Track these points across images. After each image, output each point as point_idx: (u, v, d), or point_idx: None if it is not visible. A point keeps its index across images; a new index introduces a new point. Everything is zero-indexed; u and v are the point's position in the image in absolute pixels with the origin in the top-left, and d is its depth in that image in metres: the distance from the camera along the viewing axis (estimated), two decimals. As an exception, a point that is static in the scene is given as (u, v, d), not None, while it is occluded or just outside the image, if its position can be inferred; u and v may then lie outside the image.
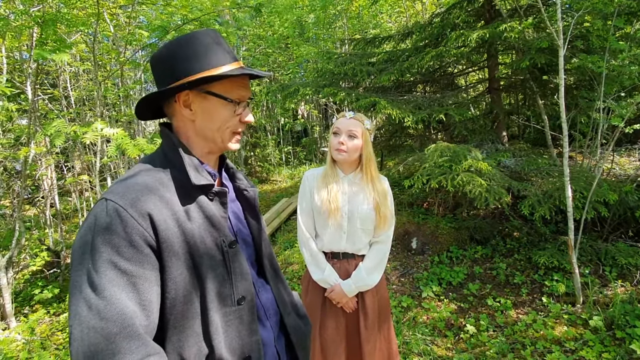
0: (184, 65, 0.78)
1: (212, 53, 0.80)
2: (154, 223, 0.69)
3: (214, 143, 0.83)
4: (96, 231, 0.66)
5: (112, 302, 0.62)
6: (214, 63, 0.79)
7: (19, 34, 2.48)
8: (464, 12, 4.33)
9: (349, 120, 1.57)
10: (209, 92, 0.79)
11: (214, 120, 0.81)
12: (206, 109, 0.81)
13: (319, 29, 8.78)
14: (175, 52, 0.79)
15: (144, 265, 0.67)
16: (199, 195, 0.78)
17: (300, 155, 10.94)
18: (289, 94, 4.46)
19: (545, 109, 3.89)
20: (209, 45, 0.80)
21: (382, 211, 1.59)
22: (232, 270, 0.79)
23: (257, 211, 0.96)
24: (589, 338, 2.37)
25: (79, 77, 6.25)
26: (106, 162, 4.01)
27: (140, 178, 0.74)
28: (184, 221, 0.74)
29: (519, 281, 3.12)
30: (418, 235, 3.91)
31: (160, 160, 0.80)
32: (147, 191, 0.71)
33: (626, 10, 3.02)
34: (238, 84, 0.83)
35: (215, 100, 0.80)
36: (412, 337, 2.55)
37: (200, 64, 0.78)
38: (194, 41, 0.79)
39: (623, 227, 3.33)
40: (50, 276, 4.22)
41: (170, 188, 0.75)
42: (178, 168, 0.78)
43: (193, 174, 0.77)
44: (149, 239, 0.68)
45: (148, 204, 0.69)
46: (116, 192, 0.70)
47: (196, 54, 0.78)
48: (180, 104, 0.80)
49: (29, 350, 2.86)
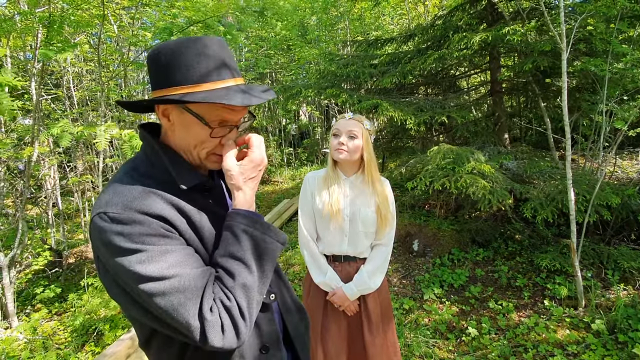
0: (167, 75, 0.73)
1: (200, 66, 0.73)
2: (168, 220, 0.70)
3: (192, 158, 0.80)
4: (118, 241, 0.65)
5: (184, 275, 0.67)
6: (197, 78, 0.73)
7: (24, 34, 2.50)
8: (467, 15, 4.33)
9: (348, 121, 1.58)
10: (186, 108, 0.75)
11: (189, 136, 0.77)
12: (184, 124, 0.77)
13: (321, 30, 8.80)
14: (163, 58, 0.73)
15: (182, 244, 0.72)
16: (192, 193, 0.78)
17: (302, 157, 10.95)
18: (291, 95, 4.47)
19: (547, 111, 3.89)
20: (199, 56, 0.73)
21: (384, 213, 1.58)
22: None
23: None
24: (591, 342, 2.36)
25: (82, 77, 6.27)
26: (109, 162, 4.02)
27: (133, 185, 0.72)
28: (189, 215, 0.75)
29: (520, 284, 3.11)
30: (419, 238, 3.91)
31: (145, 165, 0.78)
32: (148, 196, 0.70)
33: (629, 13, 3.02)
34: (223, 105, 0.74)
35: (193, 118, 0.75)
36: (413, 340, 2.54)
37: (183, 77, 0.72)
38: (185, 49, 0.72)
39: (626, 230, 3.32)
40: (52, 276, 4.23)
41: (165, 190, 0.74)
42: (165, 171, 0.76)
43: (180, 178, 0.76)
44: (171, 230, 0.71)
45: (154, 205, 0.69)
46: (115, 204, 0.67)
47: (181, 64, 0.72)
48: (159, 113, 0.78)
49: (31, 349, 2.87)
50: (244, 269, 0.72)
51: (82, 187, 5.89)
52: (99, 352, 2.78)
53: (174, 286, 0.65)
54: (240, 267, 0.72)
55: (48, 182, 5.10)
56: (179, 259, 0.68)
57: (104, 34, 3.84)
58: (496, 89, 4.30)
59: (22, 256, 3.92)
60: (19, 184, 4.76)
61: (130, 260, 0.64)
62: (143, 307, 0.68)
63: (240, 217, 0.76)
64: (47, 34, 2.48)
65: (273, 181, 9.07)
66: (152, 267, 0.64)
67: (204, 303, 0.67)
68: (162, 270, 0.65)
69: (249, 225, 0.75)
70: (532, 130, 4.99)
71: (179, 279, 0.66)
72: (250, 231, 0.74)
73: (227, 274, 0.71)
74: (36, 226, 5.14)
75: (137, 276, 0.64)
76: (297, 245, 4.19)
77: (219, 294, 0.70)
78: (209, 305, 0.67)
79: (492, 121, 4.36)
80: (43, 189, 5.20)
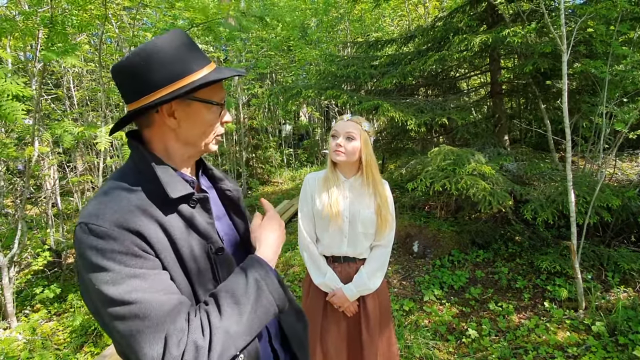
0: (162, 75, 0.73)
1: (189, 57, 0.76)
2: (146, 238, 0.67)
3: (195, 148, 0.81)
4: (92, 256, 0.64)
5: (147, 302, 0.63)
6: (194, 68, 0.75)
7: (24, 34, 2.50)
8: (467, 16, 4.34)
9: (346, 122, 1.57)
10: (194, 98, 0.76)
11: (197, 125, 0.78)
12: (190, 116, 0.78)
13: (322, 31, 8.81)
14: (148, 60, 0.72)
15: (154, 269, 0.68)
16: (180, 204, 0.76)
17: (302, 157, 10.96)
18: (291, 95, 4.47)
19: (547, 113, 3.89)
20: (182, 50, 0.75)
21: (384, 214, 1.58)
22: (220, 277, 0.78)
23: (242, 211, 0.95)
24: (591, 344, 2.36)
25: (83, 77, 6.27)
26: (110, 163, 4.02)
27: (116, 196, 0.70)
28: (171, 232, 0.72)
29: (521, 286, 3.11)
30: (419, 239, 3.91)
31: (134, 175, 0.76)
32: (129, 209, 0.68)
33: (630, 15, 3.03)
34: (218, 87, 0.81)
35: (200, 106, 0.77)
36: (413, 341, 2.54)
37: (180, 71, 0.74)
38: (165, 47, 0.73)
39: (626, 232, 3.32)
40: (52, 276, 4.22)
41: (149, 202, 0.72)
42: (152, 181, 0.74)
43: (170, 187, 0.73)
44: (147, 249, 0.68)
45: (134, 220, 0.67)
46: (97, 215, 0.66)
47: (172, 61, 0.73)
48: (164, 114, 0.76)
49: (30, 350, 2.86)
50: (236, 315, 0.68)
51: (82, 187, 5.88)
52: (98, 353, 2.77)
53: (132, 312, 0.62)
54: (233, 311, 0.68)
55: (48, 182, 5.09)
56: (146, 284, 0.64)
57: (105, 35, 3.84)
58: (496, 90, 4.30)
59: (22, 256, 3.91)
60: (18, 183, 4.75)
61: (97, 278, 0.63)
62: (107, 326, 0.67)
63: (257, 265, 0.77)
64: (48, 34, 2.47)
65: (273, 182, 9.07)
66: (116, 289, 0.62)
67: (171, 335, 0.62)
68: (123, 295, 0.62)
69: (262, 277, 0.75)
70: (532, 132, 5.00)
71: (139, 305, 0.62)
72: (261, 283, 0.74)
73: (217, 310, 0.68)
74: (35, 226, 5.13)
75: (102, 296, 0.62)
76: (297, 247, 4.19)
77: (195, 329, 0.65)
78: (177, 338, 0.62)
79: (492, 123, 4.36)
80: (43, 189, 5.20)
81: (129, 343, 0.62)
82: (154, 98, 0.73)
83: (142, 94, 0.73)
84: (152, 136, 0.79)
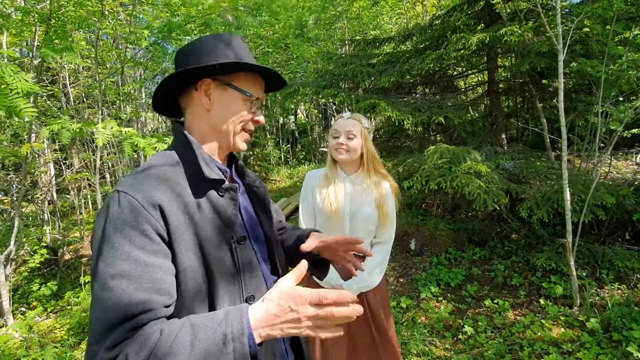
0: (210, 57, 0.81)
1: (237, 50, 0.85)
2: (164, 213, 0.70)
3: (225, 136, 0.85)
4: (108, 221, 0.67)
5: (115, 294, 0.62)
6: (238, 57, 0.84)
7: (20, 30, 2.48)
8: (465, 15, 4.35)
9: (346, 120, 1.59)
10: (230, 84, 0.83)
11: (229, 112, 0.84)
12: (224, 100, 0.83)
13: (320, 29, 8.79)
14: (202, 46, 0.83)
15: (157, 254, 0.68)
16: (210, 190, 0.79)
17: (299, 155, 10.96)
18: (289, 93, 4.47)
19: (544, 112, 3.91)
20: (233, 43, 0.85)
21: (385, 210, 1.60)
22: (240, 267, 0.79)
23: (268, 208, 0.96)
24: (586, 340, 2.39)
25: (79, 74, 6.23)
26: (107, 160, 4.01)
27: (152, 171, 0.75)
28: (194, 213, 0.74)
29: (516, 283, 3.14)
30: (417, 237, 3.93)
31: (172, 156, 0.81)
32: (158, 183, 0.72)
33: (625, 15, 3.05)
34: (258, 84, 0.87)
35: (235, 93, 0.83)
36: (410, 338, 2.56)
37: (227, 56, 0.82)
38: (219, 39, 0.84)
39: (620, 230, 3.35)
40: (48, 273, 4.21)
41: (182, 182, 0.76)
42: (190, 162, 0.79)
43: (205, 168, 0.78)
44: (160, 229, 0.69)
45: (159, 194, 0.70)
46: (128, 184, 0.71)
47: (221, 48, 0.83)
48: (201, 91, 0.82)
49: (27, 347, 2.85)
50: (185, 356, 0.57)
51: (78, 184, 5.86)
52: (96, 350, 2.77)
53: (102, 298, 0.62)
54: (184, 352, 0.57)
55: (44, 179, 5.06)
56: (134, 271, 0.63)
57: (101, 31, 3.82)
58: (493, 89, 4.32)
59: (18, 254, 3.90)
60: (14, 181, 4.72)
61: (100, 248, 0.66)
62: None
63: (237, 322, 0.60)
64: (46, 30, 2.46)
65: (271, 180, 9.06)
66: (104, 266, 0.64)
67: (116, 337, 0.59)
68: (106, 277, 0.62)
69: (235, 338, 0.58)
70: (528, 131, 5.03)
71: (109, 293, 0.61)
72: (229, 343, 0.58)
73: (168, 338, 0.58)
74: (32, 224, 5.10)
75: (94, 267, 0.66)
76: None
77: (136, 342, 0.59)
78: (115, 342, 0.59)
79: (489, 121, 4.39)
80: (38, 186, 5.17)
81: (90, 326, 0.63)
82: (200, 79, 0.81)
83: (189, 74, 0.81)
84: (190, 120, 0.86)
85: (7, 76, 1.88)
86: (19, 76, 1.91)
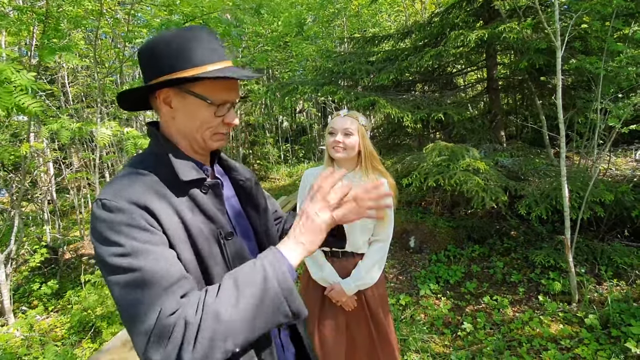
0: (167, 62, 0.76)
1: (197, 51, 0.77)
2: (155, 214, 0.70)
3: (195, 142, 0.82)
4: (105, 228, 0.67)
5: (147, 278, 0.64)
6: (197, 62, 0.76)
7: (19, 30, 2.47)
8: (464, 12, 4.34)
9: (343, 118, 1.58)
10: (189, 91, 0.77)
11: (193, 119, 0.79)
12: (186, 108, 0.79)
13: (318, 27, 8.77)
14: (160, 47, 0.77)
15: (158, 244, 0.68)
16: (192, 189, 0.78)
17: (299, 154, 10.96)
18: (288, 92, 4.46)
19: (543, 109, 3.91)
20: (194, 43, 0.77)
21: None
22: (230, 263, 0.79)
23: (256, 202, 0.95)
24: (584, 336, 2.40)
25: (78, 73, 6.23)
26: (106, 159, 4.01)
27: (132, 177, 0.74)
28: (181, 213, 0.74)
29: (515, 280, 3.15)
30: (416, 234, 3.94)
31: (149, 160, 0.80)
32: (141, 188, 0.71)
33: (624, 11, 3.04)
34: (222, 86, 0.79)
35: (195, 100, 0.77)
36: (410, 335, 2.57)
37: (183, 62, 0.76)
38: (180, 37, 0.77)
39: (619, 226, 3.36)
40: (49, 272, 4.22)
41: (162, 185, 0.75)
42: (166, 165, 0.77)
43: (181, 170, 0.76)
44: (156, 225, 0.70)
45: (145, 198, 0.70)
46: (111, 193, 0.70)
47: (180, 51, 0.76)
48: (160, 100, 0.79)
49: (28, 346, 2.87)
50: (232, 299, 0.64)
51: (78, 183, 5.86)
52: (97, 348, 2.78)
53: (133, 281, 0.63)
54: (230, 296, 0.64)
55: (44, 179, 5.07)
56: (150, 255, 0.66)
57: (100, 30, 3.81)
58: (492, 86, 4.32)
59: (18, 253, 3.91)
60: (14, 180, 4.72)
61: (106, 249, 0.66)
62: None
63: (272, 256, 0.70)
64: (43, 29, 2.46)
65: (270, 178, 9.07)
66: (119, 259, 0.64)
67: (166, 307, 0.62)
68: (125, 264, 0.64)
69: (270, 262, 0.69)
70: (527, 128, 5.03)
71: (141, 274, 0.63)
72: (270, 276, 0.67)
73: (216, 291, 0.65)
74: (32, 223, 5.11)
75: (108, 266, 0.65)
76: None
77: (191, 304, 0.63)
78: (170, 311, 0.62)
79: (489, 119, 4.38)
80: (38, 185, 5.17)
81: (128, 312, 0.63)
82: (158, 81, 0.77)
83: (149, 77, 0.79)
84: (162, 122, 0.84)
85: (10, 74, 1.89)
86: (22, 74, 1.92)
